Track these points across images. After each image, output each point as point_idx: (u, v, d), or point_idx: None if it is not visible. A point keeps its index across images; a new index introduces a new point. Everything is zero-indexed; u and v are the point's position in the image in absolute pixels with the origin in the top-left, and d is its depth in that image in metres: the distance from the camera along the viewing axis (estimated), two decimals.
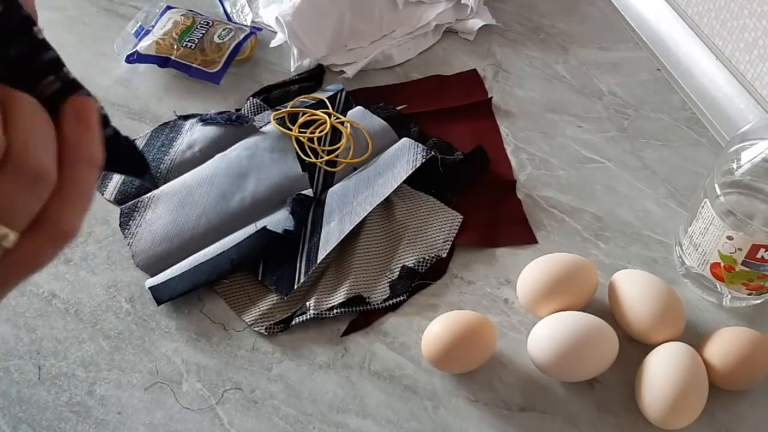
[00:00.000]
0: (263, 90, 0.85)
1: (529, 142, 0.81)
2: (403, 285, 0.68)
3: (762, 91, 0.80)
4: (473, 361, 0.61)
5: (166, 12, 0.91)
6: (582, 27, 0.95)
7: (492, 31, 0.94)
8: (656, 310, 0.61)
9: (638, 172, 0.78)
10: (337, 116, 0.81)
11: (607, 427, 0.60)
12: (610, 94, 0.87)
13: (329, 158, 0.77)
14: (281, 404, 0.61)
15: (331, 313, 0.65)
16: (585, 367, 0.60)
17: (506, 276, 0.69)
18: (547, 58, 0.91)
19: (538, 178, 0.78)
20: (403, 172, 0.73)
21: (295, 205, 0.71)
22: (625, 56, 0.91)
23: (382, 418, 0.60)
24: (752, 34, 0.79)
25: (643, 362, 0.60)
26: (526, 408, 0.61)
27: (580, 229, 0.73)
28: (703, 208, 0.63)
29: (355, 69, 0.88)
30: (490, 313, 0.67)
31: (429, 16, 0.93)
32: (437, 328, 0.61)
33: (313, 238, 0.70)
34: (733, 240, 0.61)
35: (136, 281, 0.69)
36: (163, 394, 0.62)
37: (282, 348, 0.65)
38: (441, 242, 0.71)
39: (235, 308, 0.67)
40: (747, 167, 0.60)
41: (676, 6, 0.92)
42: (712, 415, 0.60)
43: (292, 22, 0.86)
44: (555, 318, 0.61)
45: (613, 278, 0.65)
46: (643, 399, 0.58)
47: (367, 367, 0.63)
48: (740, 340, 0.60)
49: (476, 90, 0.87)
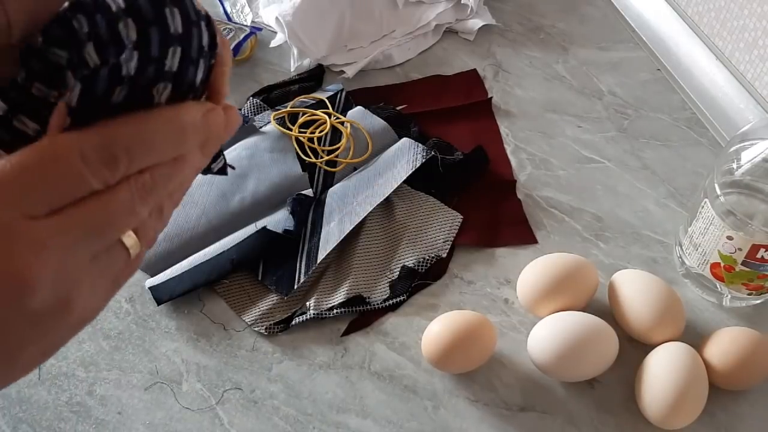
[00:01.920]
0: (263, 90, 0.86)
1: (529, 142, 0.81)
2: (403, 285, 0.68)
3: (762, 91, 0.80)
4: (473, 361, 0.61)
5: None
6: (582, 27, 0.95)
7: (492, 31, 0.94)
8: (656, 310, 0.61)
9: (638, 172, 0.78)
10: (337, 116, 0.81)
11: (607, 427, 0.60)
12: (610, 94, 0.87)
13: (329, 158, 0.77)
14: (281, 404, 0.61)
15: (331, 313, 0.65)
16: (585, 367, 0.60)
17: (506, 276, 0.69)
18: (547, 58, 0.91)
19: (538, 178, 0.78)
20: (403, 172, 0.73)
21: (295, 205, 0.71)
22: (625, 56, 0.91)
23: (382, 418, 0.60)
24: (752, 34, 0.79)
25: (643, 362, 0.60)
26: (526, 408, 0.61)
27: (580, 229, 0.73)
28: (703, 208, 0.63)
29: (355, 69, 0.88)
30: (490, 313, 0.67)
31: (429, 16, 0.93)
32: (437, 328, 0.61)
33: (313, 238, 0.70)
34: (733, 240, 0.61)
35: (136, 281, 0.69)
36: (163, 394, 0.62)
37: (282, 348, 0.65)
38: (441, 242, 0.71)
39: (235, 308, 0.67)
40: (747, 167, 0.60)
41: (676, 6, 0.92)
42: (712, 415, 0.60)
43: (292, 22, 0.86)
44: (555, 318, 0.61)
45: (613, 278, 0.65)
46: (643, 399, 0.58)
47: (367, 367, 0.63)
48: (740, 340, 0.60)
49: (476, 90, 0.87)
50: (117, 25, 0.26)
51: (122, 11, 0.26)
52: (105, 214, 0.26)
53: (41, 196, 0.25)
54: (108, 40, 0.26)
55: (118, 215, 0.27)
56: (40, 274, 0.25)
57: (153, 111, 0.27)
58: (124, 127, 0.26)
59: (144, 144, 0.26)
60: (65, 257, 0.26)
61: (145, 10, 0.26)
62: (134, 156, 0.26)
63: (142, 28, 0.26)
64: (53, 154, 0.25)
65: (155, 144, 0.27)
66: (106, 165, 0.26)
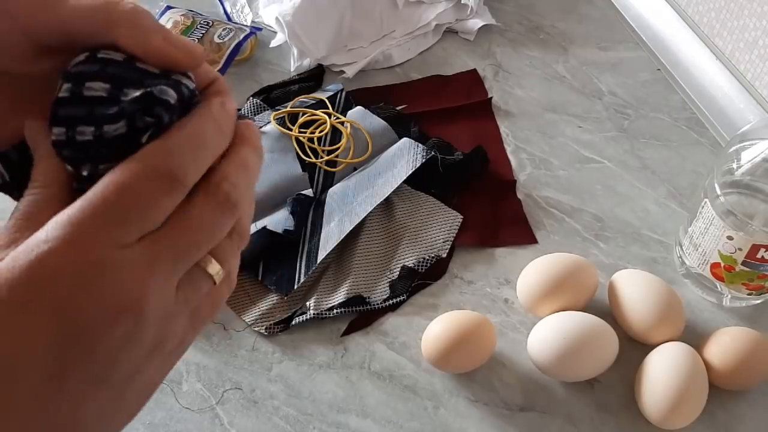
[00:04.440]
0: (263, 90, 0.86)
1: (529, 142, 0.81)
2: (403, 285, 0.68)
3: (762, 91, 0.80)
4: (473, 361, 0.61)
5: (166, 12, 0.91)
6: (582, 27, 0.95)
7: (492, 31, 0.94)
8: (656, 310, 0.61)
9: (638, 172, 0.78)
10: (337, 116, 0.81)
11: (607, 427, 0.60)
12: (610, 94, 0.87)
13: (329, 158, 0.77)
14: (281, 404, 0.61)
15: (331, 313, 0.65)
16: (585, 367, 0.60)
17: (506, 276, 0.69)
18: (547, 58, 0.91)
19: (538, 178, 0.78)
20: (403, 172, 0.73)
21: (295, 205, 0.71)
22: (625, 56, 0.91)
23: (382, 418, 0.60)
24: (752, 34, 0.79)
25: (643, 362, 0.60)
26: (526, 408, 0.61)
27: (580, 229, 0.73)
28: (703, 208, 0.63)
29: (355, 69, 0.88)
30: (490, 313, 0.67)
31: (429, 16, 0.93)
32: (437, 328, 0.61)
33: (313, 238, 0.70)
34: (733, 240, 0.61)
35: None
36: (163, 394, 0.62)
37: (282, 348, 0.65)
38: (441, 242, 0.71)
39: (235, 308, 0.67)
40: (747, 167, 0.60)
41: (676, 6, 0.92)
42: (712, 415, 0.60)
43: (292, 22, 0.86)
44: (555, 318, 0.61)
45: (613, 278, 0.65)
46: (643, 399, 0.58)
47: (367, 367, 0.63)
48: (740, 340, 0.60)
49: (476, 90, 0.87)
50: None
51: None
52: (189, 232, 0.26)
53: (126, 226, 0.24)
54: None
55: (200, 231, 0.26)
56: (149, 302, 0.25)
57: (182, 121, 0.27)
58: (166, 141, 0.26)
59: (191, 145, 0.26)
60: (159, 286, 0.25)
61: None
62: (186, 161, 0.26)
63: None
64: (122, 184, 0.25)
65: (198, 141, 0.27)
66: (168, 180, 0.25)
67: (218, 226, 0.27)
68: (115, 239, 0.24)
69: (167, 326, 0.26)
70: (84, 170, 0.26)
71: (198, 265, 0.27)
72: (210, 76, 0.29)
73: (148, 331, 0.25)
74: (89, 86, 0.26)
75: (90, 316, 0.24)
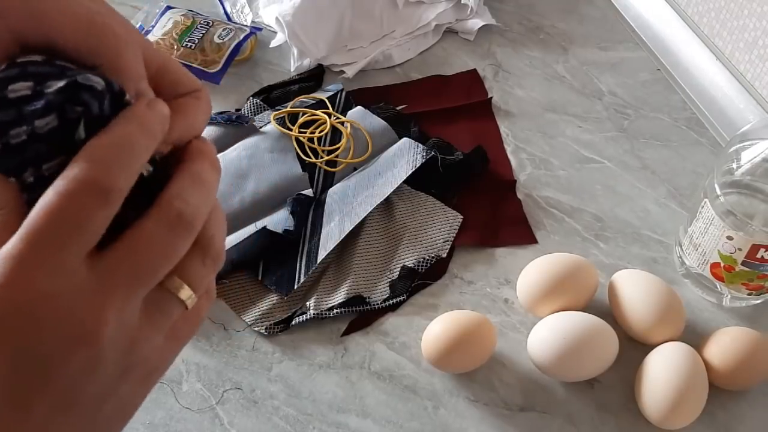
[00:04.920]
0: (263, 90, 0.86)
1: (529, 142, 0.81)
2: (403, 285, 0.68)
3: (762, 91, 0.80)
4: (473, 361, 0.61)
5: (166, 12, 0.91)
6: (582, 27, 0.95)
7: (492, 31, 0.94)
8: (656, 310, 0.61)
9: (638, 172, 0.78)
10: (337, 116, 0.81)
11: (607, 427, 0.60)
12: (610, 94, 0.87)
13: (329, 158, 0.77)
14: (281, 404, 0.61)
15: (331, 313, 0.65)
16: (585, 367, 0.60)
17: (506, 276, 0.69)
18: (547, 58, 0.91)
19: (538, 178, 0.78)
20: (403, 172, 0.73)
21: (295, 205, 0.71)
22: (625, 56, 0.91)
23: (382, 418, 0.60)
24: (752, 34, 0.79)
25: (643, 362, 0.60)
26: (526, 408, 0.61)
27: (580, 229, 0.73)
28: (703, 208, 0.63)
29: (355, 69, 0.88)
30: (490, 313, 0.67)
31: (429, 16, 0.93)
32: (437, 328, 0.61)
33: (313, 238, 0.70)
34: (733, 240, 0.61)
35: None
36: (163, 393, 0.62)
37: (282, 348, 0.65)
38: (441, 242, 0.71)
39: (235, 308, 0.67)
40: (747, 167, 0.60)
41: (676, 6, 0.92)
42: (712, 415, 0.60)
43: (292, 22, 0.86)
44: (555, 318, 0.61)
45: (613, 278, 0.65)
46: (643, 399, 0.58)
47: (367, 367, 0.63)
48: (740, 340, 0.60)
49: (476, 90, 0.87)
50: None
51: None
52: (142, 254, 0.25)
53: (67, 249, 0.24)
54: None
55: (153, 252, 0.26)
56: (106, 330, 0.24)
57: (106, 127, 0.26)
58: (90, 151, 0.25)
59: (117, 150, 0.26)
60: (116, 312, 0.25)
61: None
62: (114, 168, 0.25)
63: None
64: (52, 207, 0.24)
65: (124, 145, 0.26)
66: (98, 191, 0.25)
67: (172, 246, 0.26)
68: (58, 265, 0.24)
69: (134, 351, 0.26)
70: (28, 177, 0.26)
71: (168, 291, 0.27)
72: (140, 88, 0.29)
73: (108, 357, 0.25)
74: (12, 89, 0.26)
75: (46, 347, 0.24)
